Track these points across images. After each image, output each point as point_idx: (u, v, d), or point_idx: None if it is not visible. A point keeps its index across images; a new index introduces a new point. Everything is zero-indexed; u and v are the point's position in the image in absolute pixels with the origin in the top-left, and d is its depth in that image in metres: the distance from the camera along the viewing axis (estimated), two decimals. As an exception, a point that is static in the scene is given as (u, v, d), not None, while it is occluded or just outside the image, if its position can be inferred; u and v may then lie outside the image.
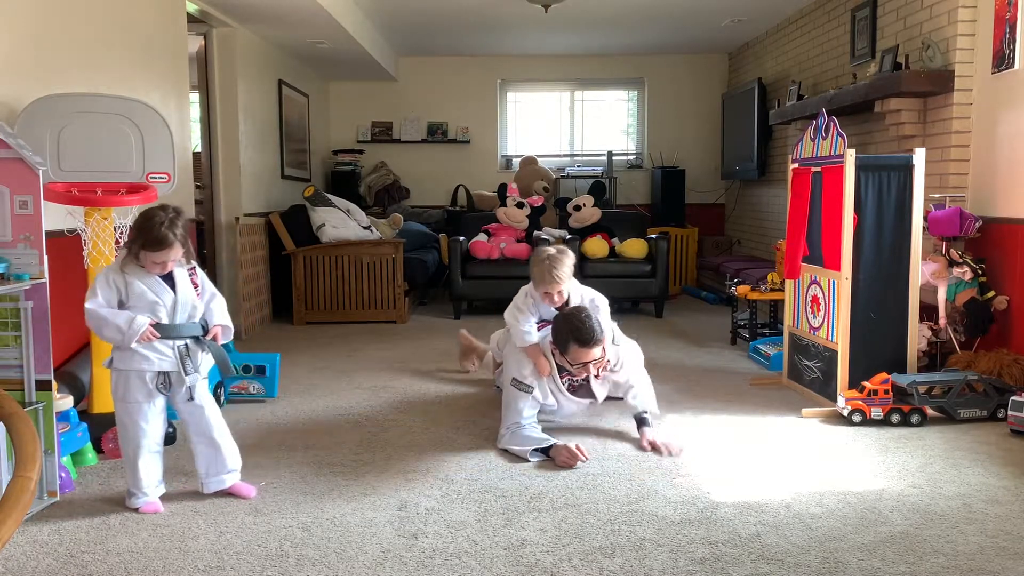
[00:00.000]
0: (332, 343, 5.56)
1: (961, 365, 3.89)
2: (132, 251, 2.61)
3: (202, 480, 2.77)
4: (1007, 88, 4.17)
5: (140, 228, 2.59)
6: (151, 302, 2.62)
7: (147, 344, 2.60)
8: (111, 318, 2.57)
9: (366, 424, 3.63)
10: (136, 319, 2.57)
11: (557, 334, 3.27)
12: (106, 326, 2.57)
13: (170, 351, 2.65)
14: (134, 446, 2.67)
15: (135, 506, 2.66)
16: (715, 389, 4.22)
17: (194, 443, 2.76)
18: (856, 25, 5.65)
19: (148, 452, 2.69)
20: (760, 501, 2.69)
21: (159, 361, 2.64)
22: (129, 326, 2.56)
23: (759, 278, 5.34)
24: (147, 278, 2.62)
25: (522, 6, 6.43)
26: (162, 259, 2.60)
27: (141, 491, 2.67)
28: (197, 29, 5.66)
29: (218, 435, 2.76)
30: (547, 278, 3.43)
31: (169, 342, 2.64)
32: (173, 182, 3.38)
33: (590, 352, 3.20)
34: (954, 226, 4.12)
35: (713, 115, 8.77)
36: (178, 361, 2.66)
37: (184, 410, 2.72)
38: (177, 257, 2.64)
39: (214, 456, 2.76)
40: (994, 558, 2.27)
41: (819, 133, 3.97)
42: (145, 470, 2.68)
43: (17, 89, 3.32)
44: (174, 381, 2.68)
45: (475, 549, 2.35)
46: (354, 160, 8.60)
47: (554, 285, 3.43)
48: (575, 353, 3.21)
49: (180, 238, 2.61)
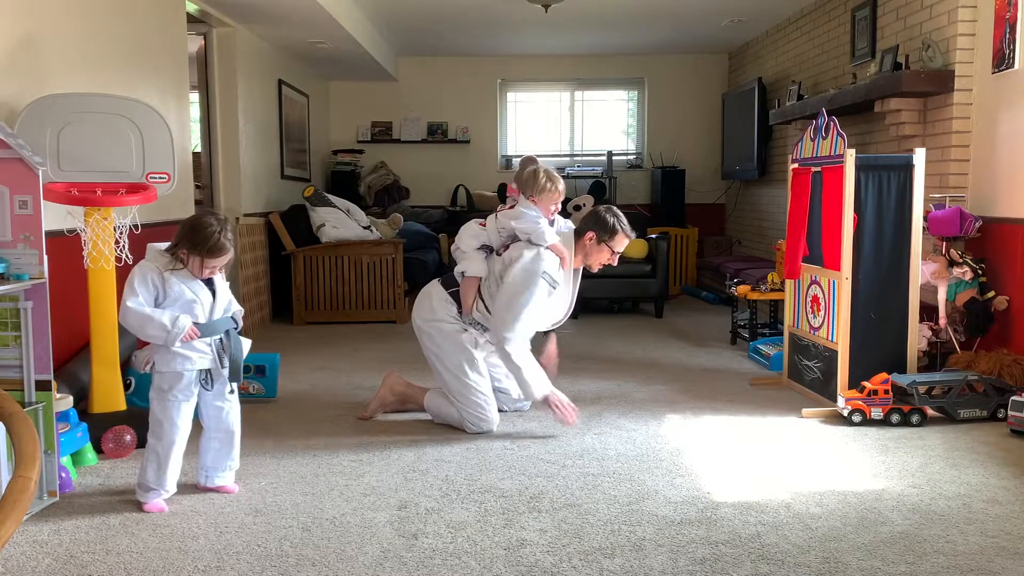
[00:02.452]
0: (332, 343, 5.56)
1: (961, 365, 3.89)
2: (179, 255, 2.65)
3: (206, 473, 2.81)
4: (1007, 88, 4.17)
5: (193, 235, 2.63)
6: (189, 301, 2.66)
7: (187, 344, 2.64)
8: (156, 316, 2.59)
9: (366, 424, 3.63)
10: (179, 318, 2.60)
11: (603, 223, 3.50)
12: (150, 325, 2.59)
13: (208, 348, 2.71)
14: (167, 443, 2.69)
15: (147, 500, 2.67)
16: (715, 389, 4.22)
17: (210, 437, 2.80)
18: (856, 25, 5.65)
19: (179, 450, 2.73)
20: (760, 501, 2.69)
21: (199, 359, 2.69)
22: (173, 325, 2.59)
23: (759, 278, 5.34)
24: (189, 279, 2.67)
25: (522, 6, 6.43)
26: (218, 265, 2.68)
27: (163, 488, 2.70)
28: (197, 29, 5.66)
29: (237, 431, 2.84)
30: (551, 188, 3.53)
31: (207, 339, 2.70)
32: (173, 182, 3.37)
33: (625, 243, 3.56)
34: (954, 226, 4.12)
35: (713, 115, 8.78)
36: (216, 357, 2.72)
37: (212, 404, 2.77)
38: (228, 263, 2.73)
39: (226, 451, 2.82)
40: (994, 558, 2.27)
41: (819, 133, 3.97)
42: (173, 468, 2.72)
43: (17, 89, 3.32)
44: (215, 377, 2.74)
45: (475, 549, 2.35)
46: (354, 160, 8.60)
47: (560, 195, 3.57)
48: (619, 242, 3.52)
49: (233, 245, 2.72)
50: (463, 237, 3.65)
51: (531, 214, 3.49)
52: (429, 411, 3.65)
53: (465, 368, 3.50)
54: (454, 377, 3.50)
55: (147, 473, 2.69)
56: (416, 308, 3.67)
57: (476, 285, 3.54)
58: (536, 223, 3.47)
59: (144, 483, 2.69)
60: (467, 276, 3.56)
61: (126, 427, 3.19)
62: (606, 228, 3.51)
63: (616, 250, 3.55)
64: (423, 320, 3.60)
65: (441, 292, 3.60)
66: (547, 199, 3.53)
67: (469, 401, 3.47)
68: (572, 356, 4.94)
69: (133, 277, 2.64)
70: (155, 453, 2.69)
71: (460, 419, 3.49)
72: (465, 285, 3.55)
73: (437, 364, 3.57)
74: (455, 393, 3.50)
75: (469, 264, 3.56)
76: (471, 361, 3.52)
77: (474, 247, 3.60)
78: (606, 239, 3.52)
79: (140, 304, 2.59)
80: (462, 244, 3.63)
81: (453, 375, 3.50)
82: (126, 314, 2.60)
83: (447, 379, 3.52)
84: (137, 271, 2.65)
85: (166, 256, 2.67)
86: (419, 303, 3.66)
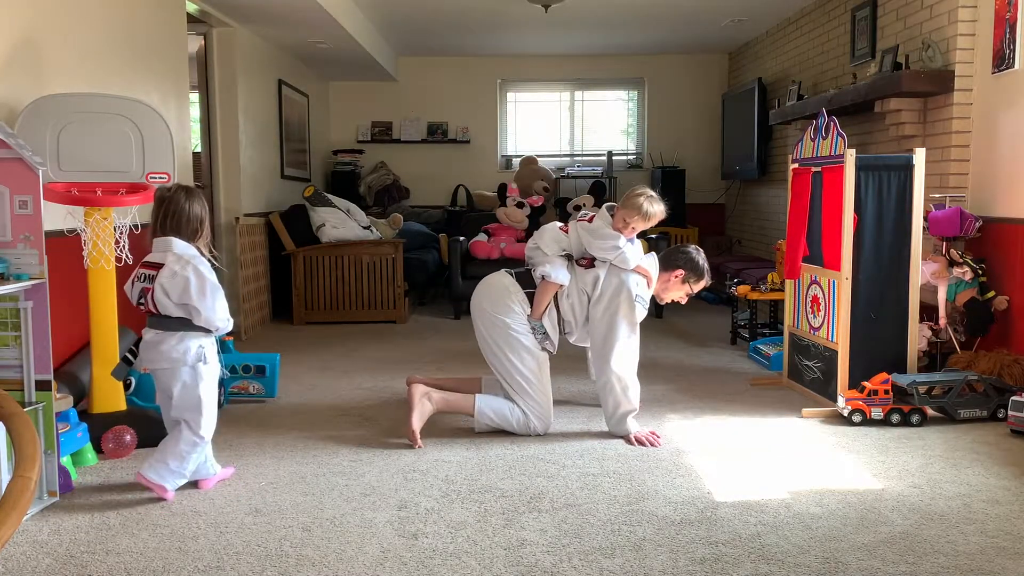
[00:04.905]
0: (332, 343, 5.56)
1: (961, 365, 3.89)
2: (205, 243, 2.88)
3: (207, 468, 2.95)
4: (1007, 88, 4.17)
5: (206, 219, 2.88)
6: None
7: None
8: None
9: (366, 424, 3.63)
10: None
11: (696, 267, 3.58)
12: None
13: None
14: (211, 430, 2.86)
15: (170, 493, 2.75)
16: (715, 389, 4.22)
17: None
18: (856, 25, 5.65)
19: None
20: (760, 501, 2.69)
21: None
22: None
23: (759, 278, 5.34)
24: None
25: (522, 6, 6.43)
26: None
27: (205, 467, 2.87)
28: (197, 29, 5.66)
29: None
30: (648, 212, 3.42)
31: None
32: (173, 182, 3.37)
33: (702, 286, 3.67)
34: (954, 226, 4.12)
35: (713, 115, 8.78)
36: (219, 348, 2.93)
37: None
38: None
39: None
40: (994, 558, 2.27)
41: (819, 133, 3.97)
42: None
43: (17, 89, 3.33)
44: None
45: (475, 549, 2.35)
46: (354, 160, 8.60)
47: (648, 221, 3.45)
48: (700, 285, 3.63)
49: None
50: (545, 239, 3.53)
51: (610, 235, 3.41)
52: (480, 416, 3.41)
53: (536, 366, 3.41)
54: (523, 374, 3.39)
55: (192, 464, 2.79)
56: (486, 297, 3.49)
57: (554, 292, 3.45)
58: (617, 248, 3.40)
59: (191, 472, 2.80)
60: (547, 281, 3.43)
61: (126, 427, 3.19)
62: (697, 271, 3.58)
63: (694, 292, 3.63)
64: (497, 313, 3.43)
65: (519, 289, 3.47)
66: (636, 223, 3.43)
67: (536, 399, 3.39)
68: (572, 356, 4.94)
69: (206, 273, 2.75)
70: (201, 445, 2.80)
71: (519, 418, 3.39)
72: (544, 289, 3.43)
73: (504, 359, 3.41)
74: (520, 390, 3.39)
75: (554, 270, 3.43)
76: (541, 362, 3.44)
77: (556, 252, 3.51)
78: (692, 280, 3.59)
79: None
80: (544, 246, 3.51)
81: (522, 372, 3.39)
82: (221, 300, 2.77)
83: (514, 375, 3.39)
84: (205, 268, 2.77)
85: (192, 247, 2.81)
86: (492, 293, 3.48)
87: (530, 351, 3.41)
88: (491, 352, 3.46)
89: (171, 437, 2.79)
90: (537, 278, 3.47)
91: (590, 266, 3.48)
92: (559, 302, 3.46)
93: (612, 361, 3.38)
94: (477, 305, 3.52)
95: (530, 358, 3.41)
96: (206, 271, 2.74)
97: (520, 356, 3.40)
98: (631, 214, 3.42)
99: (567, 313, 3.46)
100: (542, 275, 3.45)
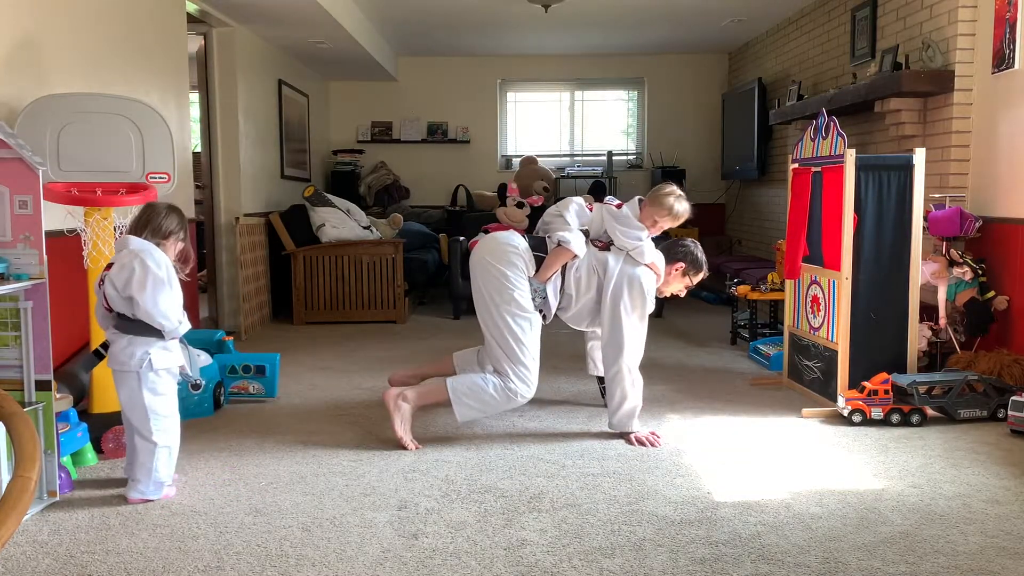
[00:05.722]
0: (332, 343, 5.56)
1: (961, 365, 3.89)
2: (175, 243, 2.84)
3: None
4: (1007, 88, 4.17)
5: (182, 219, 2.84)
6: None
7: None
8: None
9: (366, 424, 3.63)
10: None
11: (695, 260, 3.59)
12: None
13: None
14: (176, 436, 2.81)
15: (163, 495, 2.74)
16: (715, 389, 4.22)
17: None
18: (856, 25, 5.65)
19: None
20: (760, 501, 2.69)
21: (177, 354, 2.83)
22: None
23: (759, 278, 5.34)
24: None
25: (522, 6, 6.43)
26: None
27: (171, 478, 2.80)
28: (197, 29, 5.66)
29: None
30: (677, 212, 3.45)
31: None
32: (173, 182, 3.38)
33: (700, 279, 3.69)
34: (954, 226, 4.12)
35: (713, 115, 8.78)
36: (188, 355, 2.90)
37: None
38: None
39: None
40: (994, 558, 2.27)
41: (819, 133, 3.97)
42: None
43: (17, 89, 3.33)
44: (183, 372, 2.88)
45: (475, 549, 2.35)
46: (354, 160, 8.61)
47: (675, 222, 3.49)
48: (699, 278, 3.65)
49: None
50: (571, 209, 3.48)
51: (635, 226, 3.41)
52: (456, 403, 3.28)
53: (528, 326, 3.32)
54: (513, 332, 3.29)
55: (163, 469, 2.74)
56: (489, 250, 3.40)
57: (566, 260, 3.41)
58: (639, 240, 3.40)
59: (160, 480, 2.74)
60: (563, 248, 3.39)
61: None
62: (696, 264, 3.59)
63: (693, 284, 3.65)
64: (498, 263, 3.34)
65: (528, 249, 3.41)
66: (665, 222, 3.45)
67: (524, 361, 3.29)
68: (572, 356, 4.94)
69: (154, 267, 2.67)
70: (170, 450, 2.76)
71: (497, 385, 3.28)
72: (557, 254, 3.39)
73: (496, 315, 3.31)
74: (509, 351, 3.29)
75: (573, 238, 3.39)
76: (533, 322, 3.36)
77: (577, 225, 3.48)
78: (691, 273, 3.60)
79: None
80: (568, 216, 3.46)
81: (512, 330, 3.28)
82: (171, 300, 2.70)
83: (504, 333, 3.29)
84: (155, 263, 2.67)
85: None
86: (497, 247, 3.40)
87: (523, 309, 3.32)
88: (484, 308, 3.36)
89: (129, 451, 2.76)
90: (552, 243, 3.44)
91: (604, 249, 3.47)
92: (567, 273, 3.43)
93: (624, 352, 3.37)
94: (478, 257, 3.42)
95: (522, 317, 3.31)
96: (154, 265, 2.63)
97: (512, 313, 3.30)
98: (661, 213, 3.44)
99: (571, 286, 3.42)
100: (559, 240, 3.41)
